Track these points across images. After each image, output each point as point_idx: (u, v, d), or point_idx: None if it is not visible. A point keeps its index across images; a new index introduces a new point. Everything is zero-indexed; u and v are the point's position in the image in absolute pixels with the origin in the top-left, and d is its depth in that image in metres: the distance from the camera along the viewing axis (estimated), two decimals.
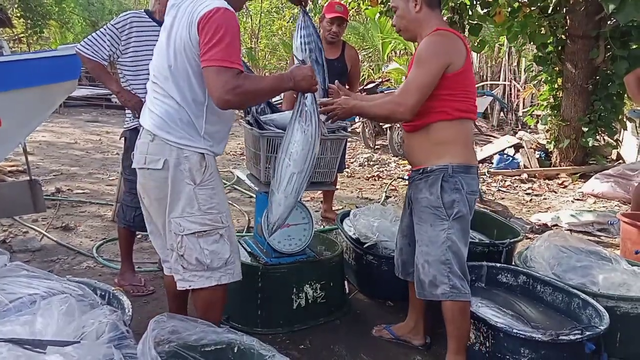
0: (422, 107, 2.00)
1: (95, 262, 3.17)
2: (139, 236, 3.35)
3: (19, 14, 17.35)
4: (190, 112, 1.79)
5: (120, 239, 2.88)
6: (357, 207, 3.60)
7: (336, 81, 2.42)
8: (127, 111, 2.78)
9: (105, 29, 2.63)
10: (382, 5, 7.01)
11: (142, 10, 2.75)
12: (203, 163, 1.82)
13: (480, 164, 7.09)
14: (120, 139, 2.90)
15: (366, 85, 8.95)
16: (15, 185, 3.63)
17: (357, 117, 7.89)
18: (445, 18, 6.44)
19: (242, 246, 2.62)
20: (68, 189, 4.84)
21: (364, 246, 2.79)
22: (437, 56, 1.95)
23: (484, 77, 13.17)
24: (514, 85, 12.39)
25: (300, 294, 2.48)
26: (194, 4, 1.75)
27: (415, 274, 2.10)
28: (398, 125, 7.72)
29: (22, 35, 18.82)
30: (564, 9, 6.25)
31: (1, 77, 3.13)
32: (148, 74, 2.58)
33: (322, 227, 4.02)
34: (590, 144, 6.27)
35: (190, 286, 1.86)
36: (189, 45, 1.73)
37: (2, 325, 1.35)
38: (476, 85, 10.54)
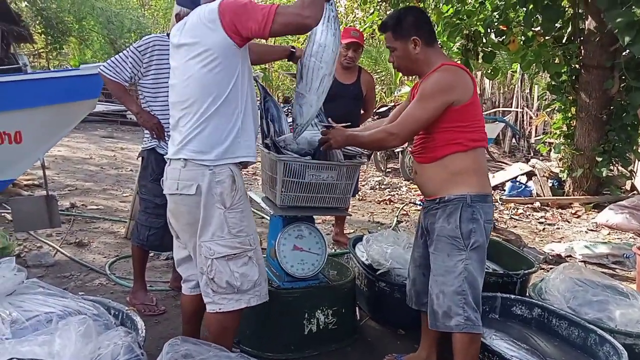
0: (436, 140, 2.04)
1: (107, 280, 3.18)
2: (151, 254, 3.36)
3: (40, 31, 17.81)
4: (226, 121, 1.82)
5: (133, 257, 2.89)
6: (369, 232, 3.59)
7: (329, 119, 2.48)
8: (145, 131, 2.82)
9: (128, 52, 2.69)
10: None
11: (165, 34, 2.82)
12: (234, 186, 1.85)
13: (493, 191, 7.05)
14: (137, 158, 2.93)
15: (379, 108, 9.02)
16: (33, 200, 3.67)
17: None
18: (459, 45, 6.52)
19: None
20: (82, 204, 4.89)
21: (377, 273, 2.78)
22: (440, 93, 1.97)
23: (497, 103, 13.18)
24: (527, 112, 12.39)
25: (312, 320, 2.47)
26: (196, 17, 1.80)
27: (429, 304, 2.09)
28: (410, 149, 7.74)
29: (42, 50, 19.28)
30: (579, 39, 6.28)
31: (25, 95, 3.21)
32: (167, 96, 2.66)
33: (333, 250, 4.01)
34: (604, 174, 6.22)
35: (220, 309, 1.87)
36: (218, 46, 1.75)
37: (21, 345, 1.36)
38: (489, 112, 10.60)
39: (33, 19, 17.42)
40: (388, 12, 7.16)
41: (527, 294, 2.79)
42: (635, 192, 6.94)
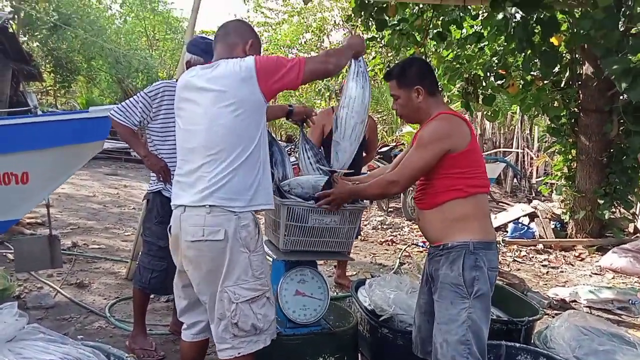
0: (435, 186, 2.07)
1: (107, 322, 3.15)
2: (152, 296, 3.34)
3: (49, 69, 18.26)
4: (250, 170, 1.89)
5: (134, 300, 2.88)
6: (371, 275, 3.57)
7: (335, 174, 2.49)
8: (152, 174, 2.86)
9: (138, 97, 2.76)
10: None
11: (174, 80, 2.90)
12: (256, 230, 1.93)
13: (495, 232, 7.02)
14: (142, 200, 2.96)
15: (380, 148, 9.11)
16: (35, 240, 3.68)
17: None
18: (459, 87, 6.66)
19: None
20: (84, 244, 4.89)
21: (380, 319, 2.74)
22: (437, 141, 2.02)
23: (497, 143, 13.32)
24: (527, 152, 12.49)
25: None
26: (229, 68, 1.88)
27: (433, 353, 2.05)
28: (411, 188, 7.78)
29: (50, 88, 19.71)
30: (577, 84, 6.42)
31: (34, 137, 3.27)
32: (175, 140, 2.71)
33: (335, 293, 3.97)
34: (606, 217, 6.22)
35: (239, 353, 1.88)
36: (248, 100, 1.87)
37: None
38: (489, 152, 10.68)
39: (43, 58, 17.90)
40: (390, 56, 7.36)
41: (532, 342, 2.74)
42: (638, 234, 6.91)
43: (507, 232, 6.95)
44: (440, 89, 2.25)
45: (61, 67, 17.94)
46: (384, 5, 5.41)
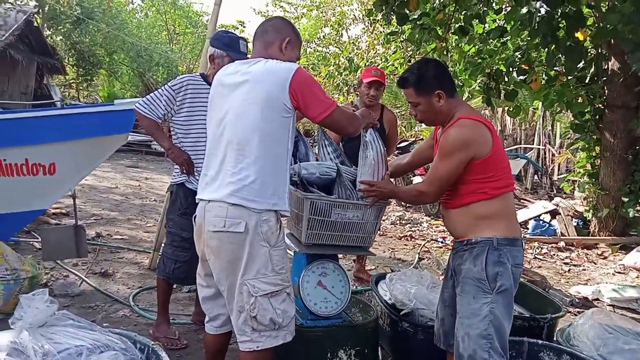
0: (460, 190, 2.08)
1: (131, 311, 3.21)
2: (174, 286, 3.39)
3: (72, 63, 18.56)
4: (274, 171, 1.90)
5: (158, 289, 2.93)
6: (391, 270, 3.57)
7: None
8: (175, 166, 2.90)
9: (162, 90, 2.80)
10: None
11: (198, 74, 2.93)
12: (277, 225, 1.93)
13: None
14: (166, 192, 3.00)
15: (399, 143, 9.07)
16: (62, 230, 3.77)
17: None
18: (480, 83, 6.57)
19: None
20: (107, 234, 4.98)
21: (400, 313, 2.75)
22: (459, 151, 2.01)
23: (518, 140, 13.14)
24: (549, 149, 12.30)
25: (334, 359, 2.44)
26: (269, 67, 1.90)
27: (455, 347, 2.06)
28: None
29: (72, 81, 20.04)
30: (602, 80, 6.28)
31: (61, 128, 3.34)
32: (198, 133, 2.74)
33: (355, 287, 3.98)
34: (630, 215, 6.10)
35: (258, 347, 1.89)
36: (280, 107, 1.87)
37: None
38: (510, 148, 10.55)
39: (66, 52, 18.20)
40: (410, 50, 7.29)
41: (555, 339, 2.72)
42: None
43: (527, 229, 6.87)
44: (460, 85, 2.25)
45: (84, 61, 18.23)
46: None
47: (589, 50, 6.20)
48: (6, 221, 3.40)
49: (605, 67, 6.25)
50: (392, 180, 2.46)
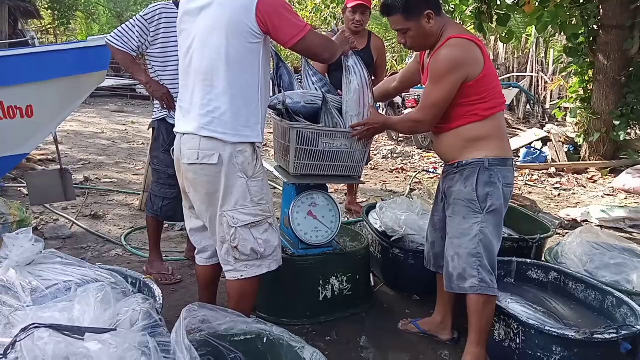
0: (450, 114, 2.02)
1: (123, 250, 3.23)
2: (165, 225, 3.39)
3: (46, 6, 17.69)
4: (245, 102, 1.82)
5: (148, 228, 2.92)
6: (382, 200, 3.57)
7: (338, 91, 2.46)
8: (155, 102, 2.80)
9: (134, 20, 2.64)
10: None
11: (171, 1, 2.76)
12: (254, 156, 1.87)
13: None
14: (148, 129, 2.92)
15: (390, 76, 8.87)
16: (47, 174, 3.71)
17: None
18: (472, 8, 6.33)
19: None
20: (96, 178, 4.93)
21: (391, 240, 2.77)
22: (451, 72, 1.93)
23: (510, 68, 12.92)
24: (542, 77, 12.13)
25: (326, 286, 2.48)
26: None
27: (445, 267, 2.09)
28: None
29: (49, 26, 19.21)
30: None
31: (34, 68, 3.19)
32: (176, 65, 2.61)
33: (346, 219, 4.01)
34: (621, 138, 6.11)
35: (242, 276, 1.91)
36: (247, 31, 1.75)
37: (42, 311, 1.39)
38: (502, 77, 10.36)
39: None
40: None
41: (543, 259, 2.77)
42: None
43: (519, 157, 6.88)
44: (451, 11, 2.12)
45: (58, 3, 17.33)
46: None
47: None
48: None
49: None
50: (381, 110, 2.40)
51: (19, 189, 4.26)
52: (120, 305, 1.49)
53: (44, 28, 19.31)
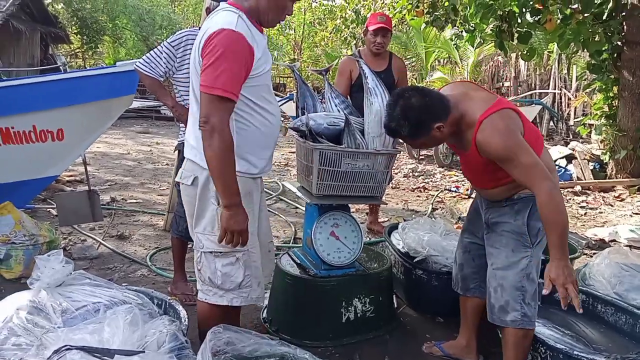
0: (497, 174, 1.91)
1: (149, 271, 3.27)
2: (190, 246, 3.44)
3: (76, 31, 18.35)
4: None
5: (173, 248, 2.96)
6: (404, 220, 3.56)
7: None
8: (181, 125, 2.87)
9: (162, 47, 2.73)
10: (429, 15, 6.96)
11: (197, 28, 2.84)
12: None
13: None
14: (174, 151, 2.99)
15: None
16: (76, 195, 3.81)
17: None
18: (492, 26, 6.34)
19: (292, 258, 2.64)
20: (122, 199, 5.04)
21: (414, 261, 2.76)
22: (511, 139, 1.79)
23: (533, 85, 12.80)
24: (565, 93, 11.98)
25: (349, 308, 2.47)
26: (208, 23, 1.72)
27: (487, 297, 2.06)
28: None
29: (78, 50, 19.88)
30: (620, 15, 6.00)
31: (65, 93, 3.32)
32: None
33: (368, 239, 4.00)
34: None
35: (205, 299, 1.88)
36: (196, 68, 1.73)
37: (73, 333, 1.42)
38: (524, 94, 10.22)
39: (69, 20, 17.96)
40: None
41: None
42: None
43: None
44: (472, 30, 2.03)
45: (87, 28, 18.00)
46: None
47: None
48: (19, 189, 3.44)
49: (625, 1, 5.95)
50: None
51: (48, 210, 4.38)
52: (148, 327, 1.52)
53: (73, 52, 20.00)
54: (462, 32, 7.15)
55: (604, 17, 6.08)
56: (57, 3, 18.21)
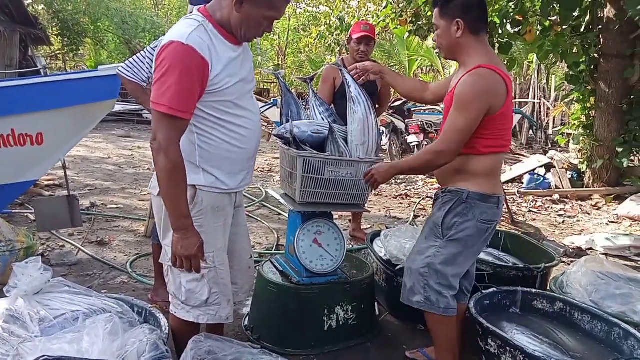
0: None
1: (129, 277, 3.23)
2: None
3: (56, 33, 18.06)
4: (183, 144, 1.66)
5: (154, 255, 2.93)
6: (386, 227, 3.58)
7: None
8: None
9: (145, 52, 2.72)
10: (412, 25, 7.04)
11: None
12: (193, 199, 1.73)
13: (510, 184, 6.98)
14: None
15: (393, 102, 8.97)
16: (55, 200, 3.74)
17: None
18: None
19: (274, 265, 2.64)
20: (102, 204, 4.97)
21: (396, 268, 2.77)
22: (476, 101, 1.90)
23: (513, 94, 13.04)
24: (544, 103, 12.22)
25: (331, 315, 2.48)
26: (167, 34, 1.67)
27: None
28: (425, 143, 7.70)
29: (58, 52, 19.57)
30: (597, 28, 6.17)
31: (46, 96, 3.26)
32: None
33: (351, 246, 4.01)
34: (624, 165, 6.12)
35: (174, 312, 1.85)
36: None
37: (51, 342, 1.40)
38: None
39: (50, 22, 17.67)
40: (401, 6, 7.12)
41: (548, 288, 2.76)
42: None
43: (522, 183, 6.89)
44: (487, 31, 2.08)
45: (68, 30, 17.71)
46: None
47: None
48: None
49: (601, 14, 6.12)
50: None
51: (26, 214, 4.29)
52: (128, 336, 1.50)
53: (53, 54, 19.68)
54: None
55: (582, 30, 6.24)
56: (38, 4, 17.91)
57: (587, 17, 6.18)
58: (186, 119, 1.60)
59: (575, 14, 6.00)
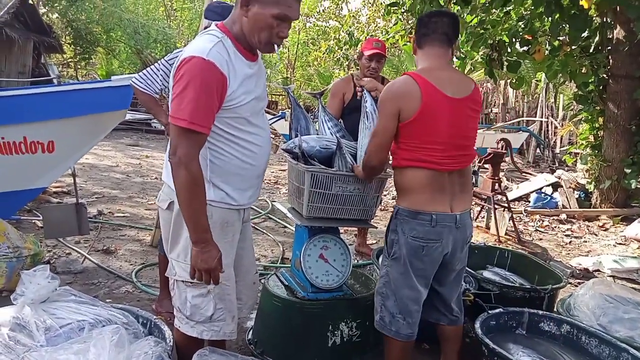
0: (393, 152, 2.11)
1: (133, 287, 3.24)
2: None
3: (69, 41, 18.33)
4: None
5: (160, 265, 2.94)
6: None
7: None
8: None
9: (158, 64, 2.76)
10: None
11: None
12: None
13: (517, 202, 6.94)
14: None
15: None
16: (63, 208, 3.77)
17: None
18: (483, 54, 6.47)
19: (279, 279, 2.63)
20: (109, 212, 4.99)
21: None
22: (384, 104, 2.00)
23: (520, 112, 13.03)
24: (552, 121, 12.21)
25: (335, 332, 2.46)
26: (186, 48, 1.69)
27: None
28: None
29: (70, 60, 19.83)
30: (607, 49, 6.18)
31: (58, 106, 3.31)
32: None
33: (356, 261, 4.00)
34: (632, 186, 6.08)
35: (178, 327, 1.84)
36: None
37: (57, 352, 1.40)
38: (512, 121, 10.36)
39: (63, 30, 17.95)
40: (411, 23, 7.17)
41: (555, 310, 2.74)
42: None
43: (529, 202, 6.86)
44: (462, 57, 2.22)
45: (81, 39, 17.98)
46: None
47: (594, 18, 6.09)
48: (6, 200, 3.40)
49: (610, 35, 6.14)
50: None
51: (33, 221, 4.32)
52: (133, 348, 1.51)
53: (65, 62, 19.94)
54: (453, 58, 7.30)
55: (591, 50, 6.26)
56: (52, 13, 18.20)
57: (597, 38, 6.21)
58: (206, 133, 1.61)
59: (585, 34, 6.03)
